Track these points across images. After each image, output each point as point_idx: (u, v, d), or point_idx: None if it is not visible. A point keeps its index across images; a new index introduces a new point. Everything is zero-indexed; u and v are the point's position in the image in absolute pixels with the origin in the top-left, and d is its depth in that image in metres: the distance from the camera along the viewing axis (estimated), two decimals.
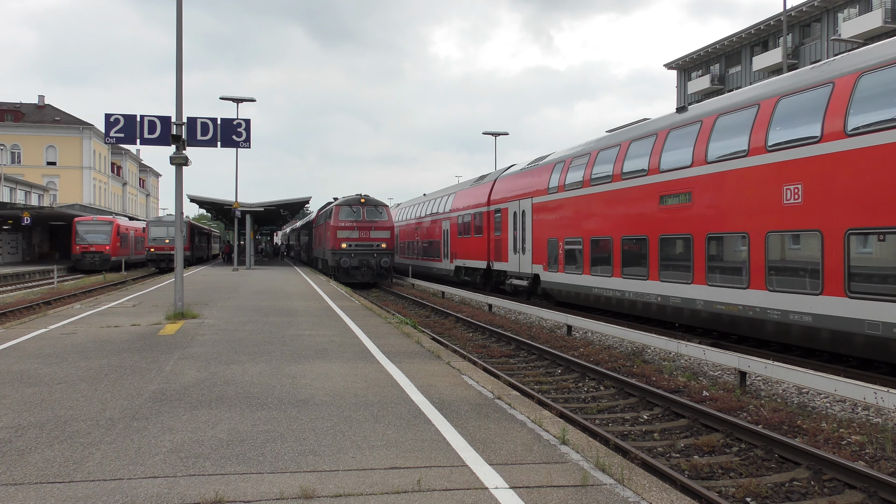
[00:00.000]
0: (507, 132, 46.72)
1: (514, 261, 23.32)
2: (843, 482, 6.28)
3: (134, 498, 4.31)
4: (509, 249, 23.76)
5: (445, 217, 32.17)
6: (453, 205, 30.98)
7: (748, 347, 12.89)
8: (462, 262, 29.40)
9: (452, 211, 30.86)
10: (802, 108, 11.43)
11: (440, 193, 35.27)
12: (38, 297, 24.89)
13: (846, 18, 42.89)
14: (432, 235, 34.64)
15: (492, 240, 25.66)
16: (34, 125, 71.59)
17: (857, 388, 7.99)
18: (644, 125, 16.73)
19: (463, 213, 29.35)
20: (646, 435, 8.08)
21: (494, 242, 25.35)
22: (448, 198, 32.43)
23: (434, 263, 34.25)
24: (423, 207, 37.37)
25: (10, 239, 49.95)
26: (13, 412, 6.42)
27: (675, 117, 15.36)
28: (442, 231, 32.58)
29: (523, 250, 22.42)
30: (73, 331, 12.24)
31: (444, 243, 32.29)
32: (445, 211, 32.19)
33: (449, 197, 32.45)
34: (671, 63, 58.81)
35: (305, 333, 12.05)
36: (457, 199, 30.71)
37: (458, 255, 29.81)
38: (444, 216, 32.37)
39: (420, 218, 37.90)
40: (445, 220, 32.12)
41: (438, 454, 5.26)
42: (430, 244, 34.93)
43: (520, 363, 12.73)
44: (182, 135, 14.08)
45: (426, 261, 36.00)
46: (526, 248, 22.17)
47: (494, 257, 25.36)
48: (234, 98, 35.51)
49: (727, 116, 13.30)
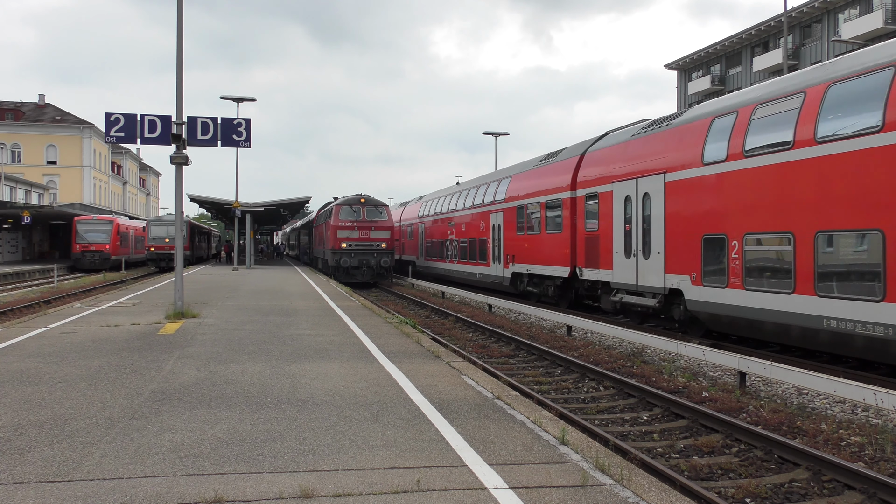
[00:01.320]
0: (507, 132, 46.77)
1: (625, 268, 16.28)
2: (842, 483, 6.28)
3: (133, 497, 4.31)
4: (616, 251, 16.69)
5: (495, 208, 25.41)
6: (508, 192, 24.25)
7: (748, 349, 12.89)
8: (523, 267, 22.57)
9: (507, 200, 24.19)
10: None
11: (484, 179, 28.48)
12: (37, 296, 24.89)
13: (847, 19, 42.90)
14: (473, 232, 27.95)
15: (580, 237, 18.68)
16: (34, 124, 71.60)
17: (856, 389, 7.99)
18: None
19: (525, 201, 22.58)
20: (645, 435, 8.08)
21: (586, 241, 18.34)
22: (498, 184, 25.78)
23: (477, 268, 27.33)
24: (459, 198, 30.55)
25: (10, 238, 49.94)
26: (13, 411, 6.42)
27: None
28: (490, 227, 25.78)
29: (645, 252, 15.39)
30: (72, 330, 12.24)
31: (492, 242, 25.52)
32: (495, 200, 25.52)
33: (499, 183, 25.75)
34: (671, 64, 58.85)
35: (305, 333, 12.05)
36: (513, 184, 24.05)
37: (517, 257, 23.01)
38: (494, 207, 25.57)
39: (454, 211, 30.90)
40: (496, 212, 25.31)
41: (438, 454, 5.26)
42: (471, 244, 28.12)
43: (519, 363, 12.73)
44: (182, 134, 14.08)
45: (464, 264, 29.16)
46: (652, 250, 15.07)
47: (585, 262, 18.40)
48: (235, 97, 35.52)
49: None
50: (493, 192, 26.16)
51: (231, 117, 14.61)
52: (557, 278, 20.24)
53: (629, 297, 16.26)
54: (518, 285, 23.52)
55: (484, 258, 26.62)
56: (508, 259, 24.01)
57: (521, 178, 23.79)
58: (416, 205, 40.13)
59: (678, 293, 14.27)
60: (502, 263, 24.60)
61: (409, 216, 40.98)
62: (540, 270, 21.29)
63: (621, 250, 16.52)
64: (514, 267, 23.38)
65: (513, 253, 23.59)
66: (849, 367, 11.07)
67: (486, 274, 26.33)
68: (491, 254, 25.81)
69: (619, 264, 16.62)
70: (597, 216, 17.76)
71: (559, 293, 20.55)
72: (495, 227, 25.39)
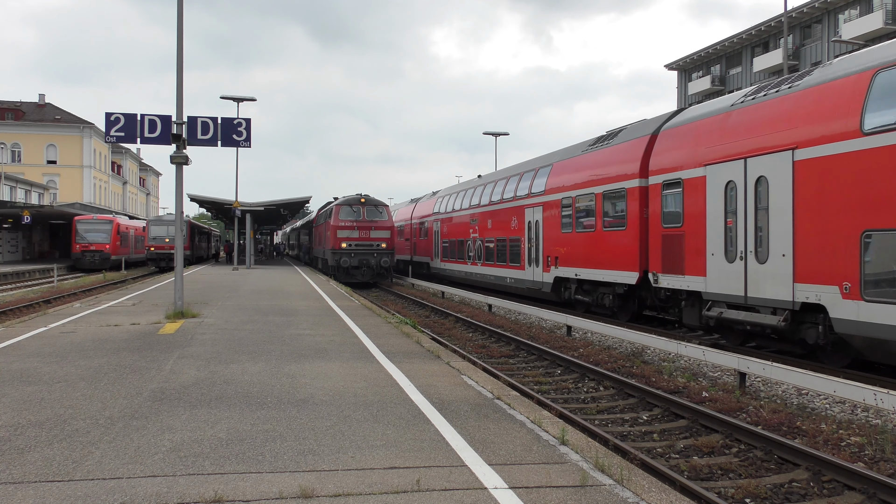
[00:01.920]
0: (507, 132, 46.80)
1: (725, 274, 12.76)
2: (842, 483, 6.28)
3: (133, 497, 4.31)
4: (711, 253, 13.13)
5: (532, 202, 21.73)
6: (549, 183, 20.77)
7: (748, 349, 12.89)
8: (570, 271, 18.99)
9: (548, 192, 20.60)
10: None
11: (515, 170, 25.00)
12: (37, 295, 24.90)
13: (847, 20, 42.92)
14: (502, 230, 24.45)
15: (654, 236, 15.14)
16: (34, 124, 71.62)
17: (856, 389, 7.99)
18: None
19: (573, 193, 19.12)
20: (645, 435, 8.08)
21: (663, 241, 14.79)
22: (534, 175, 22.13)
23: (507, 272, 23.82)
24: (484, 193, 27.15)
25: (10, 237, 49.96)
26: (13, 411, 6.42)
27: None
28: (525, 224, 22.19)
29: (759, 255, 11.94)
30: (72, 329, 12.24)
31: (528, 242, 21.96)
32: (531, 193, 21.92)
33: (536, 173, 22.21)
34: (672, 64, 58.87)
35: (305, 333, 12.06)
36: (555, 173, 20.42)
37: (562, 260, 19.41)
38: (530, 201, 21.90)
39: (477, 207, 27.53)
40: (533, 206, 21.63)
41: (438, 454, 5.26)
42: (499, 244, 24.61)
43: (519, 363, 12.73)
44: (182, 134, 14.08)
45: (490, 266, 25.67)
46: (772, 251, 11.62)
47: (662, 266, 14.77)
48: (235, 97, 35.54)
49: None
50: (527, 184, 22.55)
51: (231, 117, 14.62)
52: (619, 285, 16.59)
53: (734, 312, 12.58)
54: (562, 293, 19.96)
55: (516, 260, 23.06)
56: (549, 262, 20.33)
57: (565, 166, 20.09)
58: (429, 201, 36.81)
59: (817, 309, 10.86)
60: (541, 266, 20.98)
61: (421, 213, 37.68)
62: (594, 275, 17.68)
63: (719, 251, 12.92)
64: (558, 271, 19.70)
65: (555, 254, 19.90)
66: (848, 367, 11.06)
67: (520, 278, 22.74)
68: (525, 255, 22.22)
69: (715, 269, 12.96)
70: (680, 208, 14.17)
71: (620, 303, 17.03)
72: (532, 224, 21.73)
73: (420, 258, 37.53)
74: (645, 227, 15.75)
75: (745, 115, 12.70)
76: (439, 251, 33.18)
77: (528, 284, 22.22)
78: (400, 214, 43.53)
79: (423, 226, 36.71)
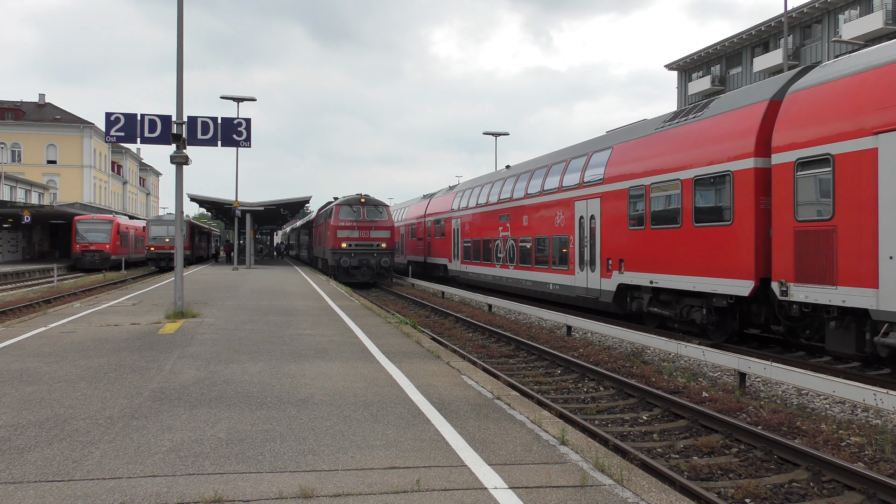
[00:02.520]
0: (507, 132, 46.79)
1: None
2: (842, 483, 6.28)
3: (133, 497, 4.31)
4: (889, 254, 9.69)
5: (585, 194, 18.28)
6: (610, 170, 17.29)
7: (748, 349, 12.88)
8: (642, 277, 15.57)
9: (609, 181, 17.14)
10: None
11: (558, 156, 21.36)
12: (37, 295, 24.90)
13: (847, 20, 42.92)
14: (542, 228, 21.09)
15: (782, 232, 11.58)
16: (35, 123, 71.62)
17: (856, 389, 7.99)
18: None
19: (646, 181, 15.48)
20: (645, 436, 8.08)
21: (796, 239, 11.29)
22: (587, 160, 18.71)
23: (550, 276, 20.38)
24: (517, 184, 23.80)
25: (10, 237, 49.96)
26: (13, 410, 6.42)
27: None
28: (574, 220, 18.75)
29: None
30: (72, 329, 12.24)
31: (578, 241, 18.54)
32: (584, 183, 18.40)
33: (589, 159, 18.77)
34: (672, 64, 58.87)
35: (305, 333, 12.06)
36: (619, 157, 17.04)
37: (630, 262, 15.97)
38: (583, 192, 18.40)
39: (508, 201, 24.25)
40: (587, 198, 18.19)
41: (438, 454, 5.26)
42: (539, 244, 21.30)
43: (519, 363, 12.73)
44: (182, 134, 14.08)
45: (527, 270, 22.37)
46: None
47: (797, 273, 11.22)
48: (235, 97, 35.53)
49: None
50: (577, 173, 19.11)
51: (231, 117, 14.62)
52: (719, 296, 13.12)
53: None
54: (627, 303, 16.65)
55: (562, 262, 19.64)
56: (609, 265, 16.97)
57: (631, 149, 16.56)
58: (446, 197, 33.68)
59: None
60: (598, 271, 17.58)
61: (437, 210, 34.29)
62: (679, 283, 14.15)
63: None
64: (622, 277, 16.29)
65: (619, 256, 16.51)
66: (848, 367, 11.06)
67: (567, 284, 19.28)
68: (575, 256, 18.79)
69: (892, 279, 9.55)
70: (829, 195, 10.67)
71: (717, 319, 13.54)
72: (584, 219, 18.31)
73: (435, 260, 34.37)
74: (764, 222, 12.20)
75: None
76: (459, 252, 29.96)
77: (579, 292, 18.60)
78: (411, 212, 40.78)
79: (439, 224, 33.48)
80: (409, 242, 40.31)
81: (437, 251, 33.99)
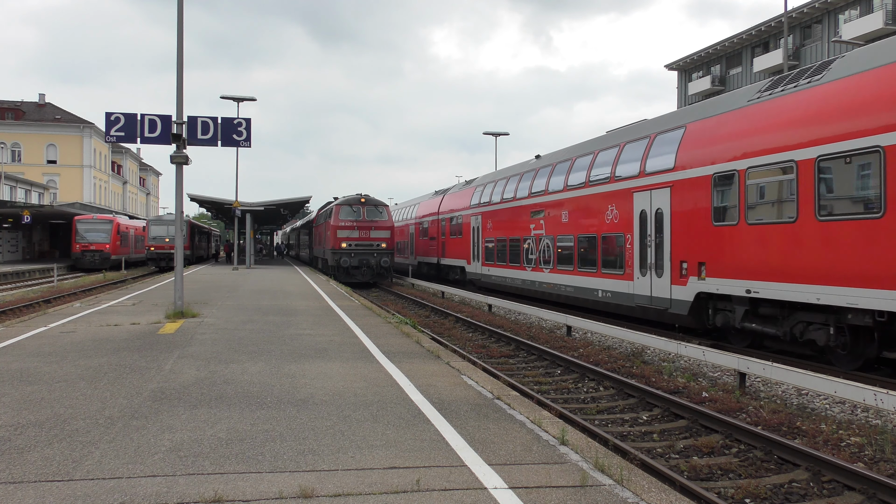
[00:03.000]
0: (507, 132, 46.78)
1: None
2: (842, 484, 6.28)
3: (133, 497, 4.31)
4: None
5: (647, 184, 15.45)
6: (682, 155, 14.40)
7: (748, 349, 12.88)
8: (737, 285, 12.52)
9: (681, 167, 14.31)
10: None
11: (608, 141, 18.23)
12: (37, 295, 24.89)
13: (847, 20, 42.91)
14: (586, 225, 18.26)
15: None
16: (35, 123, 71.62)
17: (856, 389, 7.99)
18: None
19: (737, 165, 12.66)
20: (645, 436, 8.08)
21: None
22: (647, 146, 15.84)
23: (600, 282, 17.39)
24: (552, 176, 20.78)
25: (10, 237, 49.95)
26: (13, 410, 6.42)
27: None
28: (632, 215, 15.91)
29: None
30: (72, 329, 12.24)
31: (642, 240, 15.55)
32: (646, 171, 15.55)
33: (652, 142, 15.86)
34: (672, 64, 58.87)
35: (305, 333, 12.06)
36: (694, 139, 14.13)
37: (714, 265, 13.08)
38: (644, 182, 15.59)
39: (541, 195, 21.39)
40: (650, 188, 15.33)
41: (438, 454, 5.26)
42: (583, 244, 18.41)
43: (519, 363, 12.73)
44: (182, 134, 14.09)
45: (567, 274, 19.37)
46: None
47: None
48: (235, 97, 35.53)
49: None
50: (636, 161, 16.13)
51: (231, 117, 14.62)
52: (862, 312, 10.18)
53: None
54: (709, 316, 13.74)
55: (615, 265, 16.79)
56: (684, 269, 14.03)
57: (712, 128, 13.64)
58: (464, 192, 30.42)
59: None
60: (666, 275, 14.61)
61: (453, 207, 31.27)
62: (795, 293, 11.12)
63: None
64: (704, 284, 13.32)
65: (698, 258, 13.56)
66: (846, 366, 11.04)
67: (622, 292, 16.41)
68: (635, 258, 15.86)
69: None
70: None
71: (851, 341, 10.70)
72: (647, 213, 15.35)
73: (451, 261, 31.26)
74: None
75: None
76: (480, 252, 26.93)
77: (639, 301, 15.65)
78: (421, 209, 37.66)
79: (456, 222, 30.49)
80: (420, 242, 36.96)
81: (453, 252, 30.93)
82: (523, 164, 24.82)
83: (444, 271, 32.85)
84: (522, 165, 24.80)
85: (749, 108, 12.80)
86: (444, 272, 32.84)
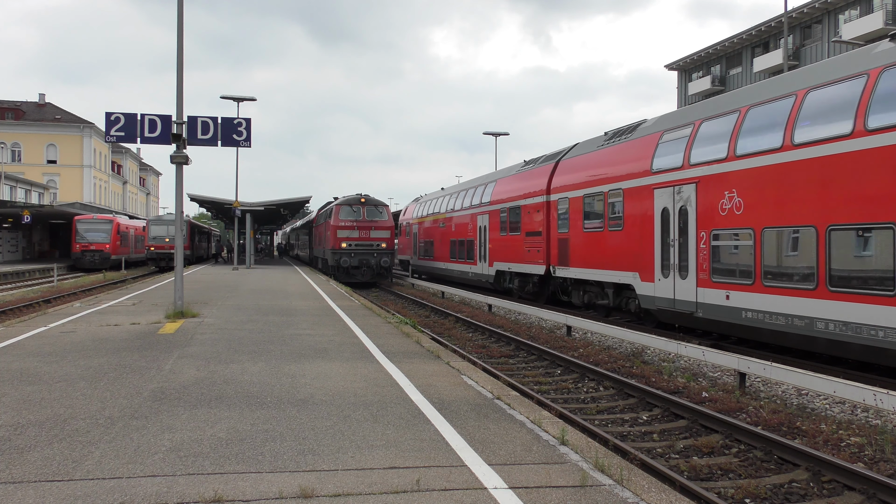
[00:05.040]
0: (507, 132, 46.77)
1: None
2: (842, 483, 6.28)
3: (133, 497, 4.31)
4: None
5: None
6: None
7: (748, 349, 12.88)
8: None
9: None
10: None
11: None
12: (37, 295, 24.88)
13: (847, 20, 42.89)
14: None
15: None
16: (35, 123, 71.59)
17: (856, 389, 7.99)
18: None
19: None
20: (645, 436, 8.08)
21: None
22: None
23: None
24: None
25: (10, 237, 49.94)
26: (12, 410, 6.42)
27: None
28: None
29: None
30: (72, 329, 12.24)
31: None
32: None
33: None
34: (672, 64, 58.84)
35: (305, 333, 12.05)
36: None
37: None
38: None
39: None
40: None
41: (438, 454, 5.26)
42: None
43: (519, 363, 12.73)
44: (182, 134, 14.08)
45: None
46: None
47: None
48: (235, 97, 35.51)
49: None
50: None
51: (231, 117, 14.62)
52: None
53: None
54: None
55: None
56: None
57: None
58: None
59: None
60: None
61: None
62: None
63: None
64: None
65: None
66: (848, 367, 11.06)
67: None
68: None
69: None
70: None
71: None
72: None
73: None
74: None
75: None
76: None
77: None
78: (507, 188, 23.95)
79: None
80: (501, 242, 23.23)
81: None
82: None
83: (546, 284, 20.80)
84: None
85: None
86: (547, 286, 20.78)
